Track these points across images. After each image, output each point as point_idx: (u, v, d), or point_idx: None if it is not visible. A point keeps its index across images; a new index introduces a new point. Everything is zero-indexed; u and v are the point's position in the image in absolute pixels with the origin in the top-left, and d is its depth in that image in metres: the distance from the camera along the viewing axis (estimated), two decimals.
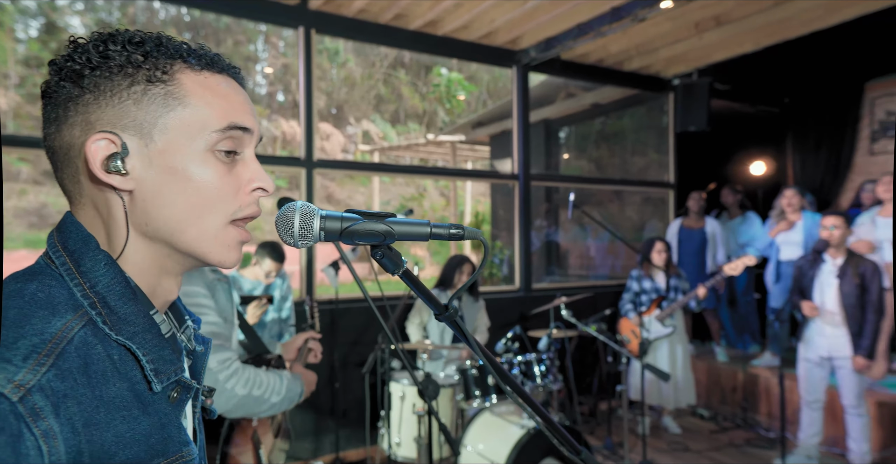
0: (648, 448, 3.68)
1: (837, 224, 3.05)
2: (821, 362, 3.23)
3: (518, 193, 4.41)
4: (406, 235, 0.60)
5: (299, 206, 0.58)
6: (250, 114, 0.59)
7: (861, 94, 5.11)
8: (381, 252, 0.61)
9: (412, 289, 0.66)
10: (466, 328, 0.72)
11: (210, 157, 0.56)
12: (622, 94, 5.57)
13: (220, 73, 0.59)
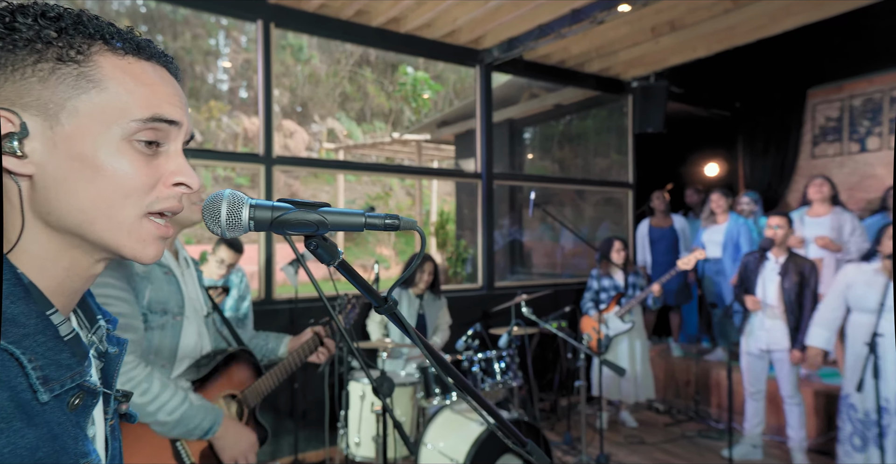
0: (606, 442, 3.76)
1: (781, 224, 3.21)
2: (761, 354, 3.38)
3: (481, 191, 4.44)
4: (340, 226, 0.59)
5: (227, 194, 0.57)
6: (179, 107, 0.56)
7: (804, 100, 5.37)
8: (315, 243, 0.60)
9: (350, 281, 0.65)
10: (408, 321, 0.72)
11: (126, 146, 0.53)
12: (583, 95, 5.68)
13: (148, 61, 0.56)
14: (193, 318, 1.40)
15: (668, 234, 4.69)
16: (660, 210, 4.77)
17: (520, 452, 0.95)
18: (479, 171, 4.44)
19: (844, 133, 5.13)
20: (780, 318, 3.26)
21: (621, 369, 2.84)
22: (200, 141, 11.67)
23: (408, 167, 4.44)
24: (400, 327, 0.72)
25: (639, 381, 3.93)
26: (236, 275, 3.03)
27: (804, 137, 5.40)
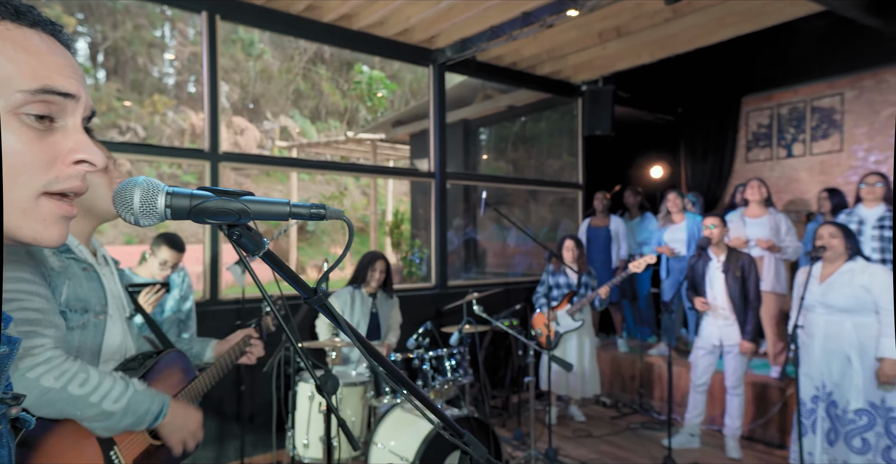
0: (555, 436, 3.85)
1: (716, 223, 3.39)
2: (712, 349, 3.55)
3: (434, 190, 4.45)
4: (264, 214, 0.58)
5: (141, 180, 0.55)
6: (74, 78, 0.52)
7: (738, 107, 5.68)
8: (238, 232, 0.59)
9: (276, 271, 0.64)
10: (341, 315, 0.71)
11: (13, 120, 0.49)
12: (536, 97, 5.80)
13: (32, 28, 0.52)
14: (118, 317, 1.33)
15: (602, 233, 4.86)
16: (599, 211, 4.94)
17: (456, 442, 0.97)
18: (433, 170, 4.45)
19: (774, 139, 5.46)
20: (730, 314, 3.43)
21: (569, 364, 2.91)
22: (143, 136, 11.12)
23: (361, 166, 4.39)
24: (331, 319, 0.71)
25: (586, 377, 4.05)
26: (178, 274, 2.91)
27: (739, 142, 5.72)
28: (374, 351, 0.82)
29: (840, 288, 2.76)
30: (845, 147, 4.95)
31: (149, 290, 2.26)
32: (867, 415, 2.68)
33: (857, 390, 2.70)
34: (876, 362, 2.69)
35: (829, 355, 2.79)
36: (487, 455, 0.97)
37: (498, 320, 3.23)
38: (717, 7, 3.58)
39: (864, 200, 3.68)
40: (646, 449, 3.62)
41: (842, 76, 4.92)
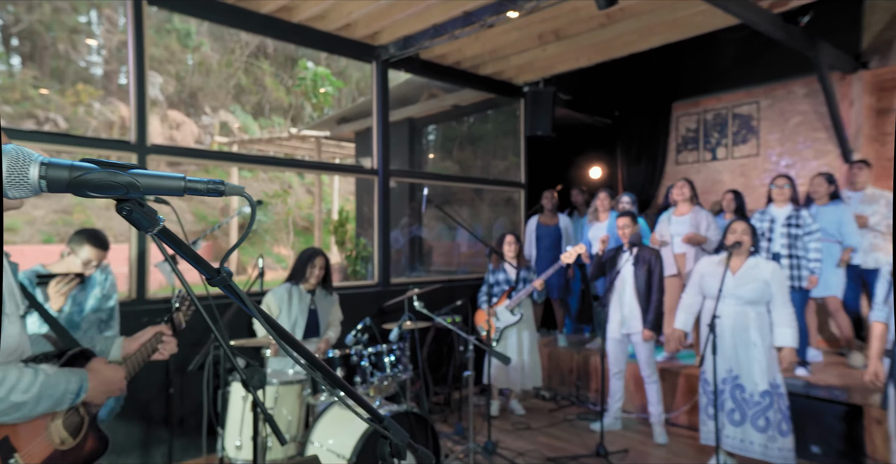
0: (495, 430, 3.92)
1: (627, 223, 3.63)
2: (622, 338, 3.75)
3: (377, 188, 4.42)
4: (155, 189, 0.56)
5: (10, 148, 0.51)
6: None
7: (669, 112, 6.00)
8: (128, 207, 0.56)
9: (174, 250, 0.62)
10: (245, 294, 0.70)
11: None
12: (480, 97, 5.88)
13: None
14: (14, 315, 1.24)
15: (552, 231, 4.99)
16: (548, 209, 5.07)
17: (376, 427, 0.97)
18: (376, 167, 4.42)
19: (700, 143, 5.80)
20: (636, 303, 3.63)
21: (507, 358, 2.97)
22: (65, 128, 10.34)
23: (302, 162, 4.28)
24: (237, 300, 0.70)
25: (526, 370, 4.14)
26: (101, 273, 2.74)
27: (670, 146, 6.03)
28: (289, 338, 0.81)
29: (749, 282, 2.98)
30: (761, 151, 5.33)
31: (59, 280, 2.11)
32: (769, 396, 2.91)
33: (760, 373, 2.93)
34: (772, 348, 2.94)
35: (736, 343, 3.00)
36: (408, 440, 0.98)
37: (440, 317, 3.25)
38: (647, 15, 3.77)
39: (774, 201, 3.98)
40: (581, 438, 3.75)
41: (758, 86, 5.30)
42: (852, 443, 3.20)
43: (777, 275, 2.96)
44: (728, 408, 3.04)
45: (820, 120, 4.89)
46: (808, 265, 3.78)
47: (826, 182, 4.04)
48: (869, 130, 4.76)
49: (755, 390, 2.95)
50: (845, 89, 4.70)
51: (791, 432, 2.92)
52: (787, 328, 2.91)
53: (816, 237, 3.80)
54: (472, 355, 3.20)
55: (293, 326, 3.10)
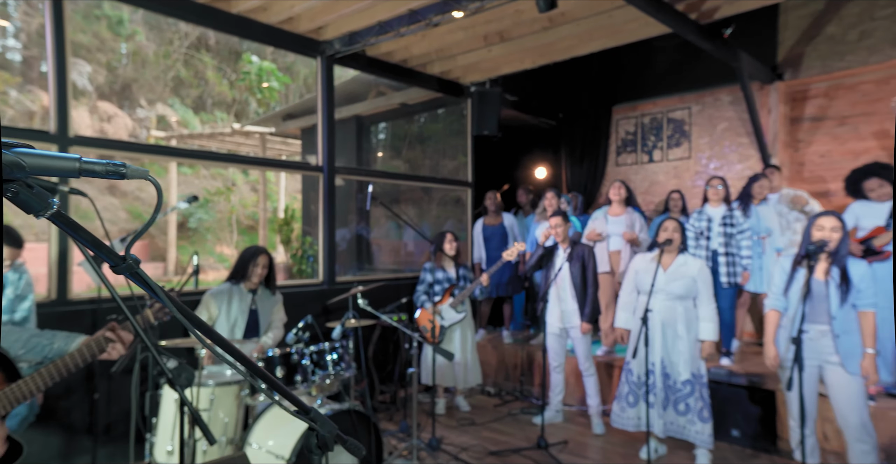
0: (441, 427, 3.95)
1: (559, 222, 3.76)
2: (560, 332, 3.88)
3: (322, 185, 4.35)
4: (44, 169, 0.54)
5: None
6: None
7: (610, 115, 6.25)
8: (14, 188, 0.54)
9: (70, 234, 0.60)
10: (156, 283, 0.68)
11: None
12: (428, 96, 5.90)
13: None
14: None
15: (498, 231, 5.08)
16: (491, 210, 5.15)
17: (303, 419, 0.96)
18: (321, 164, 4.35)
19: (638, 145, 6.08)
20: (573, 298, 3.77)
21: (450, 353, 3.00)
22: None
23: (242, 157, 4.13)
24: (146, 289, 0.68)
25: (469, 367, 4.20)
26: (14, 272, 2.56)
27: (610, 148, 6.28)
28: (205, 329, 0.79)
29: (678, 278, 3.16)
30: (693, 154, 5.65)
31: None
32: (690, 384, 3.10)
33: (684, 363, 3.11)
34: (697, 341, 3.12)
35: (665, 335, 3.17)
36: (337, 431, 0.98)
37: (385, 315, 3.24)
38: (586, 21, 3.91)
39: (710, 201, 4.22)
40: (523, 432, 3.85)
41: (689, 92, 5.61)
42: (766, 426, 3.44)
43: (703, 273, 3.14)
44: (661, 396, 3.21)
45: (743, 126, 5.24)
46: (741, 262, 4.04)
47: (766, 182, 4.31)
48: (784, 136, 5.14)
49: (678, 378, 3.13)
50: (764, 98, 5.06)
51: (711, 418, 3.10)
52: (709, 323, 3.10)
53: (747, 235, 4.06)
54: (416, 352, 3.21)
55: (233, 326, 3.01)
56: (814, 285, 2.69)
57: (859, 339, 2.60)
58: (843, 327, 2.60)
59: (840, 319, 2.60)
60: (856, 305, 2.61)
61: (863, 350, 2.58)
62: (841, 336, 2.60)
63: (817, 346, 2.66)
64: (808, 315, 2.69)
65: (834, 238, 2.63)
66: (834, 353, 2.62)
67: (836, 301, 2.61)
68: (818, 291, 2.67)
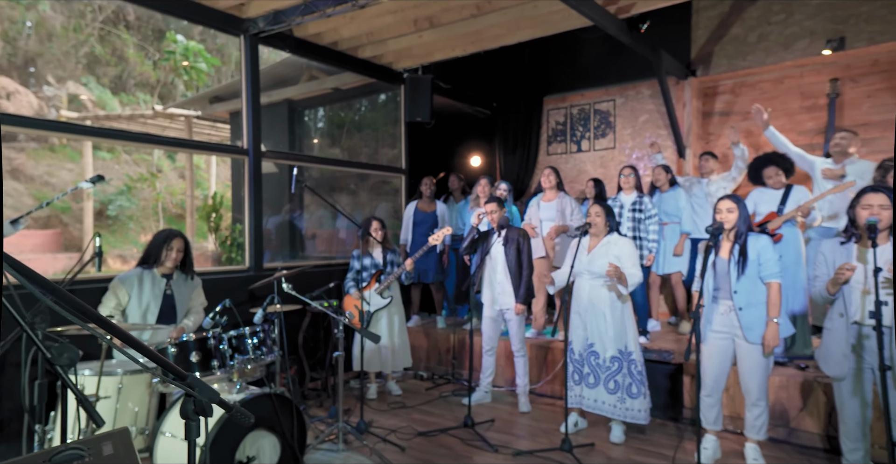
0: (372, 411, 3.98)
1: (494, 208, 3.87)
2: (496, 316, 3.98)
3: (248, 169, 4.21)
4: None
5: None
6: None
7: (541, 106, 6.42)
8: None
9: None
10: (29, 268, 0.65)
11: None
12: (361, 81, 5.82)
13: None
14: None
15: (429, 217, 5.12)
16: (426, 195, 5.18)
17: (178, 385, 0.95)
18: (246, 147, 4.20)
19: (568, 136, 6.29)
20: (507, 281, 3.88)
21: (376, 336, 3.02)
22: None
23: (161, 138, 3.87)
24: None
25: (397, 351, 4.24)
26: None
27: (542, 137, 6.46)
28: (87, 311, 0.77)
29: (601, 258, 3.32)
30: (617, 145, 5.92)
31: None
32: (617, 361, 3.28)
33: (610, 341, 3.28)
34: (622, 317, 3.30)
35: (591, 314, 3.33)
36: (218, 397, 0.98)
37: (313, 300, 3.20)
38: (512, 10, 3.99)
39: (623, 189, 4.46)
40: (452, 413, 3.93)
41: (614, 85, 5.86)
42: (674, 397, 3.72)
43: (626, 248, 3.28)
44: (585, 373, 3.37)
45: (661, 119, 5.54)
46: (648, 245, 4.30)
47: (664, 172, 4.61)
48: (697, 129, 5.50)
49: (606, 355, 3.29)
50: (679, 93, 5.38)
51: (643, 395, 3.25)
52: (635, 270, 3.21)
53: (654, 221, 4.33)
54: (341, 335, 3.20)
55: (144, 312, 2.87)
56: (719, 264, 2.92)
57: (762, 311, 2.79)
58: (745, 301, 2.81)
59: (741, 293, 2.82)
60: (762, 278, 2.81)
61: (766, 320, 2.78)
62: (743, 309, 2.81)
63: (728, 320, 2.88)
64: (720, 292, 2.90)
65: (730, 219, 2.86)
66: (739, 325, 2.84)
67: (735, 276, 2.83)
68: (723, 270, 2.89)
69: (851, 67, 4.82)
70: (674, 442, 3.32)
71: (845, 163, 3.79)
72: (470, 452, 3.23)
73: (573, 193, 6.09)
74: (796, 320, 3.78)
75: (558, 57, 6.09)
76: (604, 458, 3.12)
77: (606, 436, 3.39)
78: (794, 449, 3.23)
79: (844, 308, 2.41)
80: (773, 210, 3.83)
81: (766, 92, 5.22)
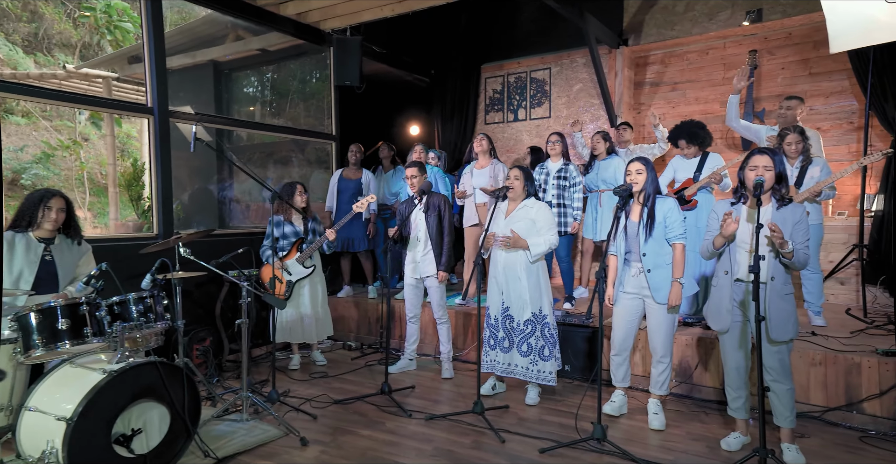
0: (293, 381, 3.88)
1: (415, 173, 3.77)
2: (416, 283, 3.92)
3: (153, 129, 3.91)
4: None
5: None
6: None
7: (479, 73, 6.29)
8: None
9: None
10: None
11: None
12: (288, 42, 5.51)
13: None
14: None
15: (353, 185, 4.96)
16: (352, 163, 5.01)
17: None
18: (150, 104, 3.89)
19: (505, 104, 6.21)
20: (429, 248, 3.80)
21: (280, 301, 2.90)
22: None
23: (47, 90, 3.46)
24: None
25: (320, 321, 4.13)
26: None
27: (479, 106, 6.35)
28: None
29: (518, 221, 3.28)
30: (552, 114, 5.89)
31: None
32: (531, 324, 3.29)
33: (525, 304, 3.27)
34: (538, 280, 3.29)
35: (508, 278, 3.31)
36: None
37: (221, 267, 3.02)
38: None
39: (550, 156, 4.44)
40: (375, 381, 3.88)
41: (550, 53, 5.79)
42: (592, 359, 3.79)
43: (542, 213, 3.26)
44: (500, 337, 3.37)
45: (595, 88, 5.53)
46: (573, 213, 4.31)
47: (603, 140, 4.58)
48: (628, 99, 5.53)
49: (521, 319, 3.29)
50: (612, 62, 5.37)
51: (553, 357, 3.29)
52: (540, 241, 3.18)
53: (579, 188, 4.34)
54: (246, 302, 3.05)
55: (17, 279, 2.62)
56: (629, 227, 2.93)
57: (669, 272, 2.86)
58: (652, 262, 2.85)
59: (649, 256, 2.86)
60: (667, 239, 2.86)
61: (671, 281, 2.85)
62: (651, 271, 2.86)
63: (638, 281, 2.92)
64: (631, 254, 2.93)
65: (639, 180, 2.86)
66: (648, 287, 2.88)
67: (643, 238, 2.86)
68: (632, 232, 2.91)
69: (769, 40, 4.93)
70: (587, 402, 3.39)
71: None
72: (383, 418, 3.19)
73: (509, 162, 6.05)
74: (707, 282, 3.90)
75: (496, 24, 5.95)
76: (515, 419, 3.14)
77: (523, 398, 3.42)
78: (694, 403, 3.37)
79: (730, 266, 2.47)
80: (690, 177, 3.90)
81: (693, 62, 5.28)
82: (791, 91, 4.89)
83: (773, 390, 2.49)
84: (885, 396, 2.86)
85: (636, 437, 2.86)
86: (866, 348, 3.11)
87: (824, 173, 3.47)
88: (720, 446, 2.71)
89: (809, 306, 3.73)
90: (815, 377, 3.06)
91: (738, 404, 2.65)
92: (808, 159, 3.50)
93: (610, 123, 5.36)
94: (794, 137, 3.48)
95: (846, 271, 4.39)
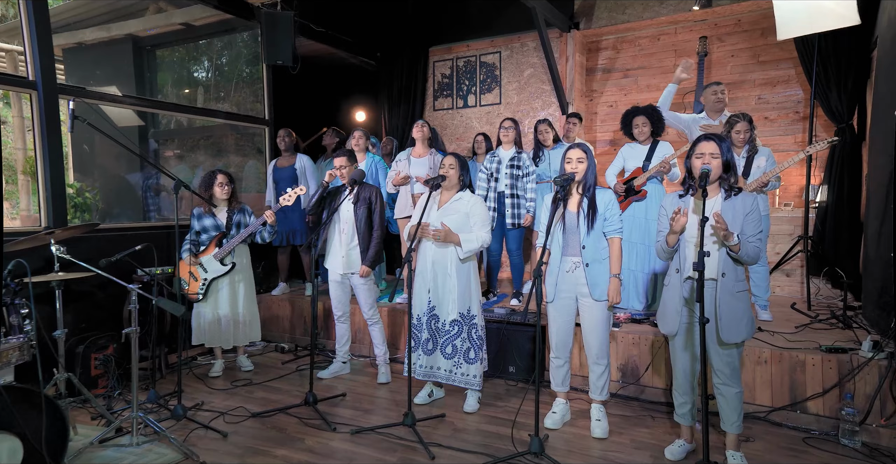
0: (212, 390, 3.49)
1: (343, 163, 3.45)
2: (341, 279, 3.58)
3: (38, 106, 3.40)
4: None
5: None
6: None
7: (427, 57, 5.94)
8: None
9: None
10: None
11: None
12: (215, 17, 5.01)
13: None
14: None
15: (287, 173, 4.56)
16: (282, 149, 4.61)
17: None
18: (32, 78, 3.37)
19: (454, 90, 5.89)
20: (357, 243, 3.47)
21: (179, 306, 2.51)
22: None
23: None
24: None
25: (244, 324, 3.74)
26: None
27: (428, 92, 6.01)
28: None
29: (451, 214, 2.99)
30: (503, 100, 5.61)
31: None
32: (458, 325, 3.01)
33: (453, 303, 2.99)
34: (468, 278, 3.01)
35: (436, 274, 3.02)
36: None
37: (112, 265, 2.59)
38: None
39: (502, 144, 4.16)
40: (302, 388, 3.53)
41: (499, 36, 5.50)
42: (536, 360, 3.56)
43: (476, 207, 2.99)
44: (423, 338, 3.08)
45: (546, 73, 5.28)
46: (525, 204, 4.05)
47: (550, 128, 4.32)
48: (580, 85, 5.31)
49: (447, 319, 3.01)
50: (563, 46, 5.12)
51: (479, 360, 3.03)
52: (472, 237, 2.92)
53: (532, 178, 4.07)
54: (134, 307, 2.64)
55: None
56: (568, 218, 2.69)
57: (607, 268, 2.65)
58: (591, 256, 2.63)
59: (589, 249, 2.62)
60: (605, 233, 2.65)
61: (609, 277, 2.63)
62: (590, 265, 2.63)
63: (573, 278, 2.68)
64: (567, 248, 2.69)
65: (580, 169, 2.62)
66: (585, 283, 2.65)
67: (584, 230, 2.62)
68: (571, 223, 2.67)
69: (718, 26, 4.79)
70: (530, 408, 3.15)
71: (721, 118, 3.70)
72: (304, 433, 2.86)
73: (460, 150, 5.75)
74: (657, 278, 3.73)
75: (444, 4, 5.60)
76: (450, 430, 2.87)
77: (462, 405, 3.15)
78: (641, 405, 3.18)
79: (680, 263, 2.26)
80: (640, 166, 3.70)
81: (644, 48, 5.10)
82: (742, 80, 4.78)
83: (722, 394, 2.30)
84: (827, 394, 2.75)
85: (577, 447, 2.64)
86: (811, 344, 3.00)
87: (770, 163, 3.33)
88: (664, 454, 2.52)
89: (756, 300, 3.61)
90: (761, 376, 2.92)
91: (684, 409, 2.46)
92: (753, 149, 3.35)
93: (561, 111, 5.13)
94: (743, 125, 3.32)
95: (791, 263, 4.33)
